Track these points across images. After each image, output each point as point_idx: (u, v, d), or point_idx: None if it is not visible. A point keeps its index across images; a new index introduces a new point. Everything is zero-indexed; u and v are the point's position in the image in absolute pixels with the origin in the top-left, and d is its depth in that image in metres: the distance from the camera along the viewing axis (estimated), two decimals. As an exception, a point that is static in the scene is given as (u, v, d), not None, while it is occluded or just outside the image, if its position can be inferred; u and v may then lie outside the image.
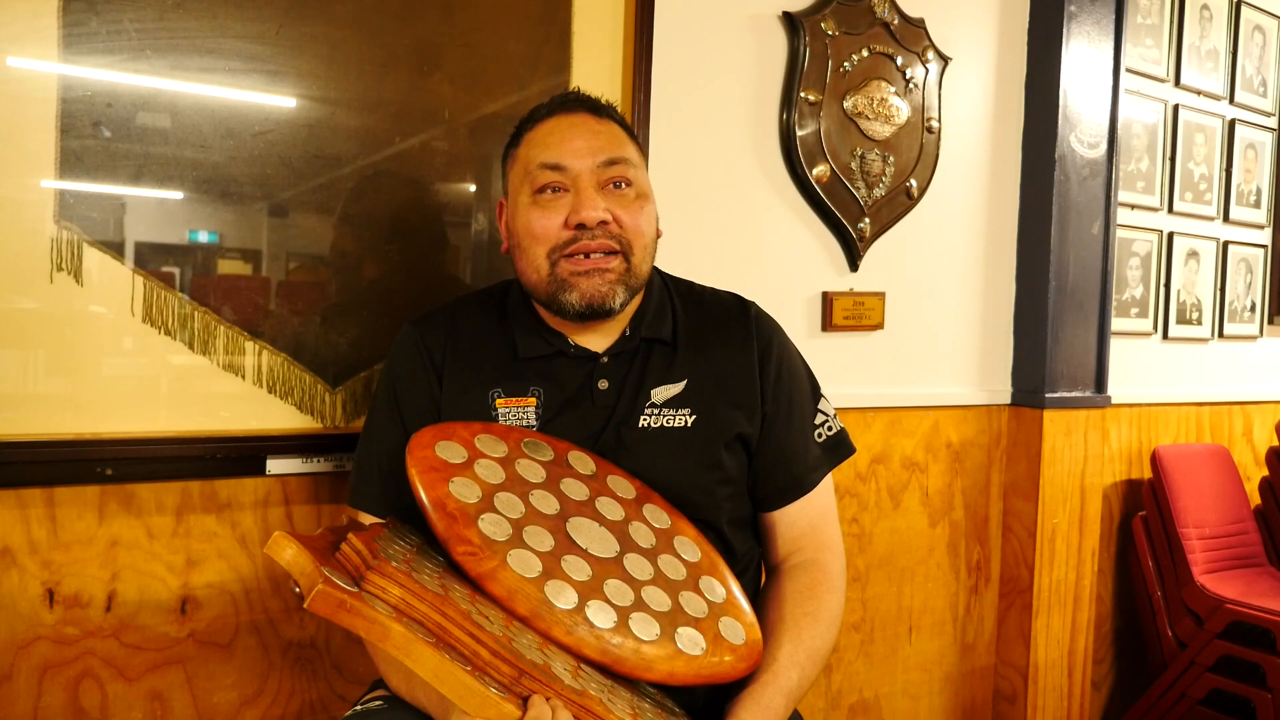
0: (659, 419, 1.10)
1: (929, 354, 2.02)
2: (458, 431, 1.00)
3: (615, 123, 1.13)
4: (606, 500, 1.02)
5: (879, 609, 1.97)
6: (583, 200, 1.05)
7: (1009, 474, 2.13)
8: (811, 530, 1.17)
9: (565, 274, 1.06)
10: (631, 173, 1.10)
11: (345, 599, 0.76)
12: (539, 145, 1.09)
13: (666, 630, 0.92)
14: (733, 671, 0.95)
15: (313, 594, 0.75)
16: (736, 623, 0.99)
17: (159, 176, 1.23)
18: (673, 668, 0.90)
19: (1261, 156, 2.71)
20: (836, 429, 1.22)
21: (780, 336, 1.21)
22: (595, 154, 1.07)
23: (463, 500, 0.92)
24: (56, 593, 1.20)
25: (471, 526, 0.90)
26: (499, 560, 0.88)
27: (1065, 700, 2.14)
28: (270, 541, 0.80)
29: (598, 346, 1.13)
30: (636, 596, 0.93)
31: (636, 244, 1.09)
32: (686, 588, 0.99)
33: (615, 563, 0.96)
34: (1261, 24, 2.68)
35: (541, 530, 0.94)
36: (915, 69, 1.91)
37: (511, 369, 1.12)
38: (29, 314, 1.17)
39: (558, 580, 0.90)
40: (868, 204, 1.86)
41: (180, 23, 1.22)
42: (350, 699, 1.39)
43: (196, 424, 1.27)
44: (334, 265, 1.35)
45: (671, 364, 1.13)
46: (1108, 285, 2.15)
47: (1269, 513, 2.52)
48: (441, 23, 1.40)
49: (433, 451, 0.96)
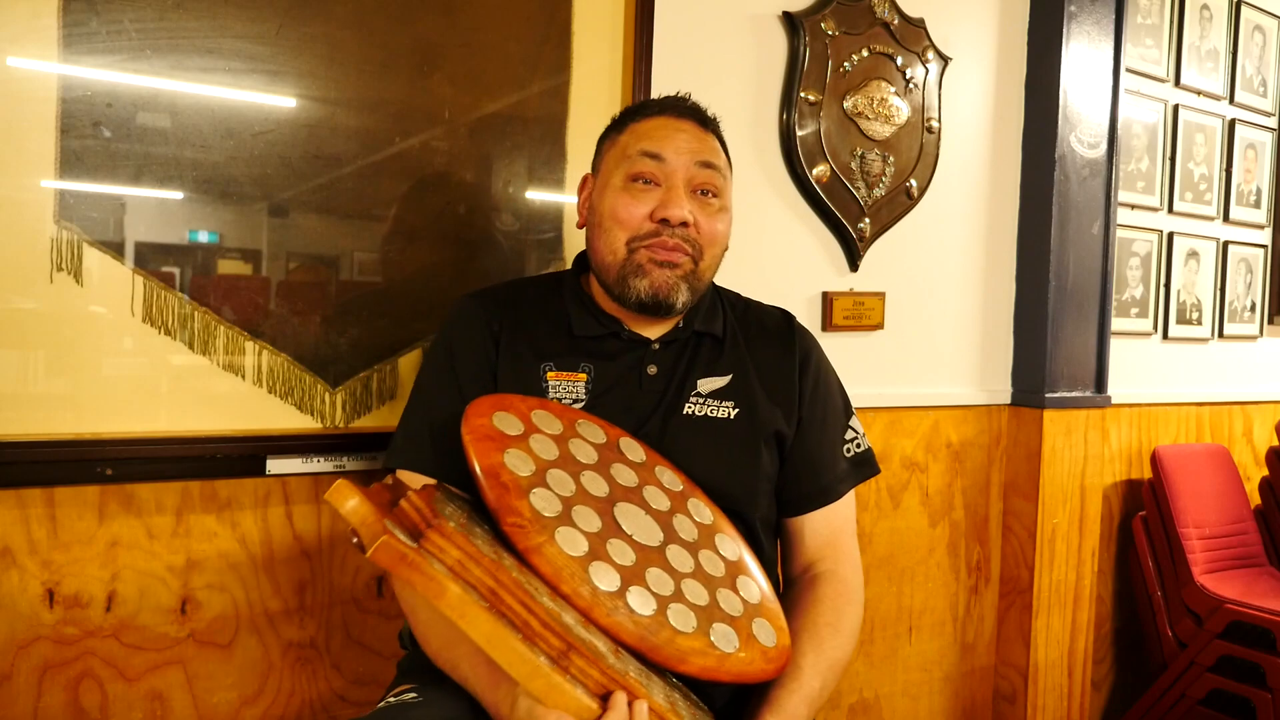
0: (703, 408, 1.14)
1: (929, 354, 2.02)
2: (515, 404, 1.01)
3: (716, 138, 1.18)
4: (653, 489, 1.03)
5: (879, 609, 1.97)
6: (671, 197, 1.10)
7: (1009, 474, 2.13)
8: (833, 540, 1.19)
9: (643, 259, 1.10)
10: (720, 183, 1.15)
11: (407, 553, 0.78)
12: (644, 135, 1.13)
13: (703, 625, 0.91)
14: (761, 673, 0.95)
15: (377, 544, 0.76)
16: (769, 625, 0.99)
17: (159, 176, 1.23)
18: (705, 662, 0.90)
19: (1261, 156, 2.71)
20: (865, 447, 1.26)
21: (819, 351, 1.27)
22: (694, 155, 1.12)
23: (516, 472, 0.92)
24: (56, 593, 1.20)
25: (523, 499, 0.90)
26: (547, 536, 0.88)
27: (1065, 700, 2.14)
28: (332, 489, 0.79)
29: (651, 334, 1.17)
30: (676, 587, 0.93)
31: (709, 251, 1.14)
32: (724, 585, 0.99)
33: (658, 552, 0.96)
34: (1261, 24, 2.68)
35: (590, 511, 0.94)
36: (915, 69, 1.91)
37: (565, 345, 1.15)
38: (29, 314, 1.17)
39: (602, 562, 0.89)
40: (868, 204, 1.86)
41: (180, 23, 1.22)
42: (350, 699, 1.39)
43: (196, 424, 1.27)
44: (334, 265, 1.35)
45: (719, 358, 1.18)
46: (1108, 285, 2.15)
47: (1269, 513, 2.52)
48: (441, 23, 1.40)
49: (489, 421, 0.96)
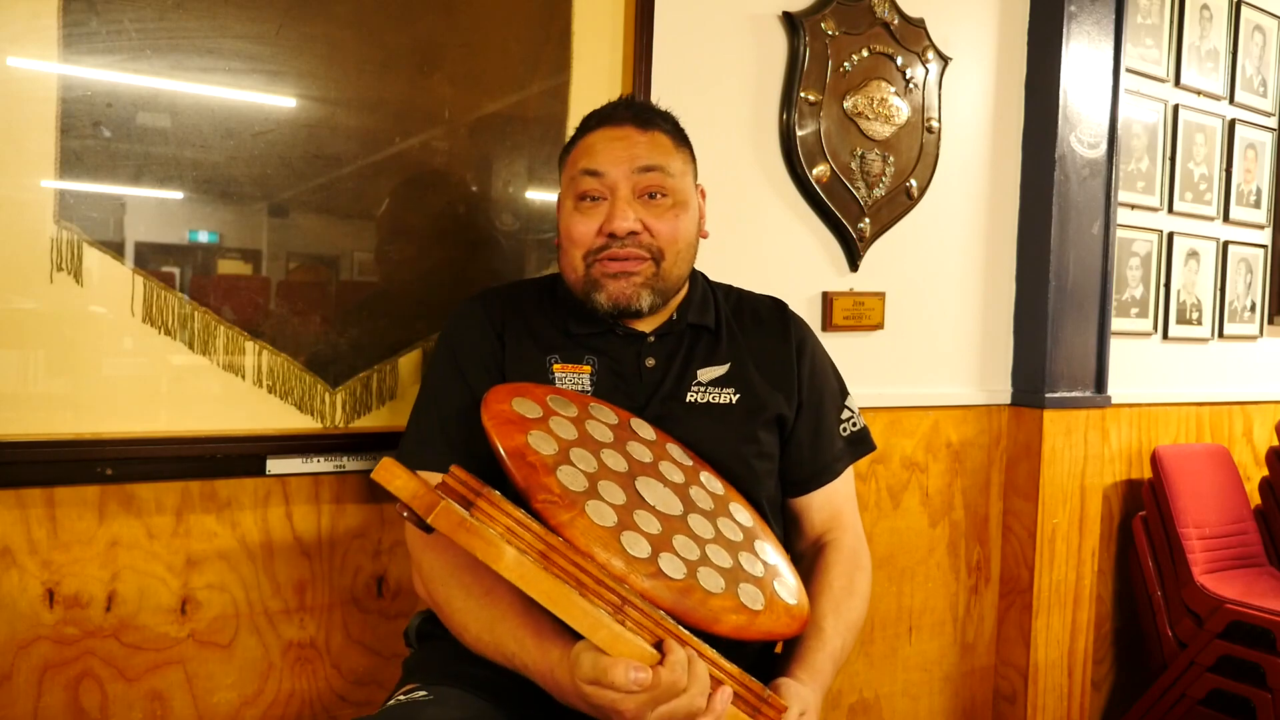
0: (705, 395, 1.18)
1: (929, 354, 2.02)
2: (532, 390, 1.05)
3: (663, 132, 1.18)
4: (668, 464, 1.07)
5: (879, 609, 1.97)
6: (614, 210, 1.12)
7: (1009, 474, 2.13)
8: (837, 515, 1.24)
9: (597, 275, 1.14)
10: (668, 182, 1.15)
11: (465, 517, 0.82)
12: (584, 152, 1.16)
13: (730, 586, 0.95)
14: (787, 629, 1.00)
15: (437, 510, 0.81)
16: (788, 584, 1.04)
17: (159, 176, 1.23)
18: (739, 620, 0.94)
19: (1261, 156, 2.71)
20: (860, 425, 1.31)
21: (813, 336, 1.31)
22: (632, 162, 1.13)
23: (541, 451, 0.95)
24: (56, 593, 1.20)
25: (551, 476, 0.93)
26: (578, 510, 0.91)
27: (1065, 700, 2.14)
28: (379, 467, 0.83)
29: (644, 329, 1.20)
30: (702, 552, 0.97)
31: (668, 251, 1.15)
32: (744, 549, 1.03)
33: (681, 520, 0.99)
34: (1261, 24, 2.68)
35: (614, 485, 0.97)
36: (915, 69, 1.91)
37: (567, 339, 1.18)
38: (29, 314, 1.17)
39: (632, 531, 0.93)
40: (868, 204, 1.86)
41: (180, 23, 1.22)
42: (350, 699, 1.39)
43: (196, 424, 1.27)
44: (334, 265, 1.35)
45: (715, 349, 1.21)
46: (1108, 285, 2.15)
47: (1269, 513, 2.52)
48: (441, 23, 1.40)
49: (509, 406, 1.00)
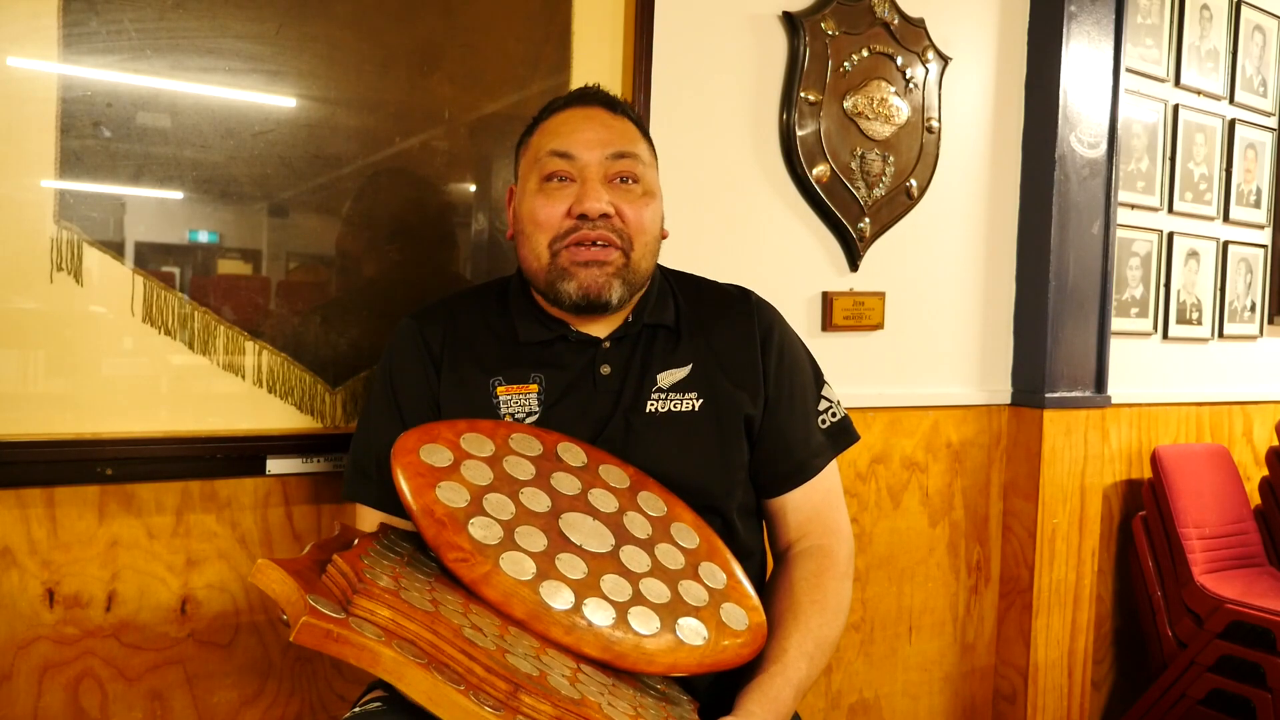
0: (666, 403, 1.11)
1: (929, 354, 2.02)
2: (442, 433, 0.99)
3: (630, 120, 1.14)
4: (599, 492, 1.02)
5: (879, 609, 1.97)
6: (587, 191, 1.06)
7: (1009, 474, 2.13)
8: (816, 516, 1.17)
9: (565, 263, 1.07)
10: (640, 169, 1.11)
11: (331, 628, 0.74)
12: (551, 134, 1.10)
13: (667, 622, 0.91)
14: (737, 657, 0.95)
15: (298, 627, 0.73)
16: (738, 608, 0.98)
17: (159, 176, 1.23)
18: (675, 659, 0.90)
19: (1261, 156, 2.71)
20: (840, 416, 1.22)
21: (782, 323, 1.22)
22: (605, 146, 1.08)
23: (451, 505, 0.91)
24: (56, 593, 1.20)
25: (461, 532, 0.89)
26: (491, 564, 0.88)
27: (1065, 700, 2.14)
28: (254, 569, 0.78)
29: (599, 333, 1.14)
30: (635, 590, 0.93)
31: (638, 240, 1.09)
32: (686, 576, 0.98)
33: (611, 557, 0.95)
34: (1261, 24, 2.68)
35: (534, 530, 0.93)
36: (915, 69, 1.91)
37: (512, 356, 1.12)
38: (29, 314, 1.17)
39: (553, 580, 0.89)
40: (868, 204, 1.86)
41: (180, 23, 1.22)
42: (351, 699, 1.39)
43: (196, 424, 1.27)
44: (334, 265, 1.35)
45: (675, 348, 1.14)
46: (1108, 285, 2.15)
47: (1269, 513, 2.52)
48: (441, 23, 1.40)
49: (417, 456, 0.95)
